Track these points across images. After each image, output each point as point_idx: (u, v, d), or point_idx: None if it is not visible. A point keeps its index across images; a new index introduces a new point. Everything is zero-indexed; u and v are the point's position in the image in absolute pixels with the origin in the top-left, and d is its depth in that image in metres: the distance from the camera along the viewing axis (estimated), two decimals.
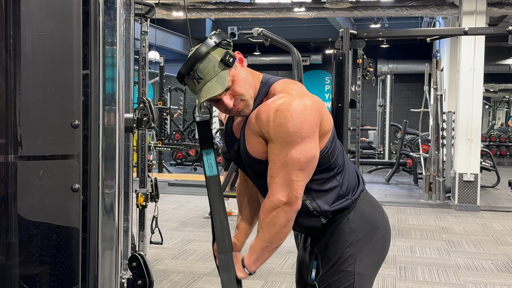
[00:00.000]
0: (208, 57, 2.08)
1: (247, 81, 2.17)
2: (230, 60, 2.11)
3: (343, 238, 2.27)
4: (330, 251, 2.28)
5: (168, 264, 5.77)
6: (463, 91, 9.34)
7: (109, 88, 1.70)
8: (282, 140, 2.06)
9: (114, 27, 1.70)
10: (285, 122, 2.04)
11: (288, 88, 2.17)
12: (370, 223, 2.31)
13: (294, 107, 2.06)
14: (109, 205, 1.71)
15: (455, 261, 6.08)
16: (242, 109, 2.17)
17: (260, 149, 2.15)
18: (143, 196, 5.08)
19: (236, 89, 2.13)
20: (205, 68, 2.08)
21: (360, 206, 2.31)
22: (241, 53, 2.23)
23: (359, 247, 2.26)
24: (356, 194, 2.32)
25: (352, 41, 7.06)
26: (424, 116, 10.99)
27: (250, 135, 2.17)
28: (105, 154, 1.69)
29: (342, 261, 2.25)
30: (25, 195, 1.49)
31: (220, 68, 2.09)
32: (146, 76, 5.11)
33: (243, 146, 2.20)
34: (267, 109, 2.10)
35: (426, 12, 11.47)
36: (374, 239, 2.30)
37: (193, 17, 12.57)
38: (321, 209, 2.25)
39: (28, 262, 1.51)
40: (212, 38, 2.12)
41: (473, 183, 9.28)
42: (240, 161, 2.30)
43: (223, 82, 2.09)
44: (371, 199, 2.39)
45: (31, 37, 1.48)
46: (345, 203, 2.28)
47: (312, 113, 2.08)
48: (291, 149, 2.06)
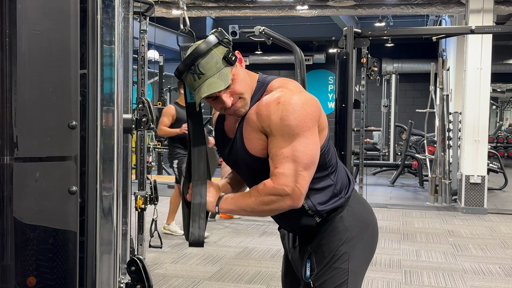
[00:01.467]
0: (210, 53, 2.10)
1: (246, 81, 2.21)
2: (233, 58, 2.13)
3: (337, 236, 2.34)
4: (324, 249, 2.34)
5: (167, 269, 5.77)
6: (469, 91, 9.33)
7: (107, 88, 1.69)
8: (284, 133, 2.10)
9: (112, 25, 1.70)
10: (287, 115, 2.09)
11: (286, 85, 2.22)
12: (362, 221, 2.40)
13: (295, 100, 2.11)
14: (107, 208, 1.71)
15: (461, 265, 6.07)
16: (239, 108, 2.20)
17: (260, 146, 2.18)
18: (142, 199, 5.08)
19: (236, 88, 2.16)
20: (207, 63, 2.10)
21: (352, 205, 2.39)
22: (242, 52, 2.25)
23: (352, 244, 2.34)
24: (349, 193, 2.40)
25: (356, 40, 7.06)
26: (430, 116, 10.99)
27: (249, 132, 2.20)
28: (103, 156, 1.69)
29: (336, 259, 2.32)
30: (21, 197, 1.49)
31: (222, 65, 2.11)
32: (145, 75, 5.12)
33: (241, 144, 2.23)
34: (267, 103, 2.14)
35: (432, 10, 11.47)
36: (366, 237, 2.39)
37: (193, 15, 12.57)
38: (316, 208, 2.31)
39: (24, 266, 1.51)
40: (214, 36, 2.14)
41: (480, 186, 9.28)
42: (232, 160, 2.34)
43: (226, 79, 2.11)
44: (360, 198, 2.49)
45: (27, 36, 1.48)
46: (339, 201, 2.35)
47: (312, 107, 2.14)
48: (294, 142, 2.10)
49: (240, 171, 2.40)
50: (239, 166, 2.34)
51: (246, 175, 2.38)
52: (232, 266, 5.83)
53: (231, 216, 7.74)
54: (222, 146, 2.38)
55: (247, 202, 2.21)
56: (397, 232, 7.62)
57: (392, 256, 6.26)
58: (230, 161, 2.38)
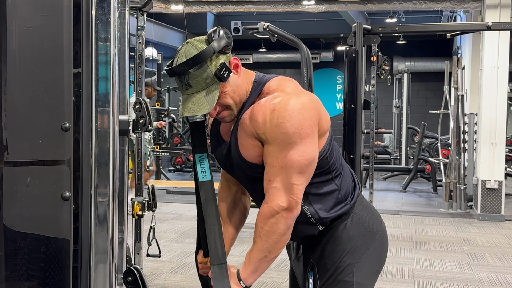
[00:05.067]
0: (202, 67, 2.09)
1: (237, 91, 2.18)
2: (225, 75, 2.11)
3: (340, 246, 2.30)
4: (327, 260, 2.31)
5: (166, 279, 5.77)
6: (486, 91, 9.32)
7: (102, 88, 1.69)
8: (280, 141, 2.08)
9: (108, 21, 1.70)
10: (283, 122, 2.07)
11: (283, 86, 2.19)
12: (368, 230, 2.35)
13: (291, 106, 2.08)
14: (102, 215, 1.71)
15: (477, 276, 6.06)
16: (224, 118, 2.21)
17: (256, 152, 2.17)
18: (139, 205, 5.08)
19: (223, 101, 2.16)
20: (197, 77, 2.09)
21: (357, 212, 2.35)
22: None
23: (357, 255, 2.30)
24: (354, 199, 2.36)
25: (366, 37, 7.05)
26: (444, 118, 10.98)
27: (244, 138, 2.19)
28: (98, 160, 1.69)
29: (340, 271, 2.28)
30: (11, 203, 1.49)
31: (212, 82, 2.11)
32: (142, 74, 5.11)
33: (236, 150, 2.22)
34: (263, 109, 2.12)
35: (446, 6, 11.45)
36: (372, 247, 2.34)
37: (193, 10, 12.58)
38: (319, 215, 2.28)
39: (15, 277, 1.51)
40: (213, 41, 2.11)
41: (497, 191, 9.26)
42: (229, 166, 2.33)
43: (211, 100, 2.11)
44: (367, 204, 2.44)
45: (17, 33, 1.48)
46: (343, 208, 2.32)
47: (310, 112, 2.11)
48: (290, 151, 2.08)
49: (238, 178, 2.39)
50: (237, 173, 2.33)
51: (244, 182, 2.37)
52: None
53: None
54: (218, 151, 2.36)
55: (257, 249, 2.18)
56: (409, 240, 7.60)
57: (404, 266, 6.24)
58: (227, 168, 2.38)
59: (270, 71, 19.71)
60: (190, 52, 2.09)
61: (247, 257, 2.23)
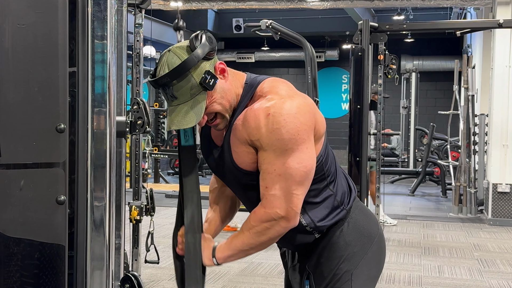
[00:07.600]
0: (187, 78, 2.06)
1: (225, 96, 2.16)
2: (211, 83, 2.08)
3: (337, 253, 2.29)
4: (323, 268, 2.30)
5: (165, 286, 5.77)
6: (497, 91, 9.32)
7: (98, 88, 1.69)
8: (276, 148, 2.06)
9: (104, 19, 1.70)
10: (278, 128, 2.05)
11: (277, 88, 2.16)
12: (365, 235, 2.34)
13: (286, 110, 2.06)
14: (98, 220, 1.71)
15: (488, 283, 6.05)
16: (217, 125, 2.20)
17: (250, 159, 2.15)
18: (137, 210, 5.08)
19: (210, 109, 2.14)
20: (181, 88, 2.07)
21: (353, 216, 2.34)
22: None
23: (355, 261, 2.29)
24: (350, 203, 2.35)
25: (372, 34, 7.05)
26: (453, 119, 10.97)
27: (237, 144, 2.17)
28: (95, 162, 1.69)
29: (337, 279, 2.27)
30: (4, 208, 1.49)
31: (197, 91, 2.08)
32: (140, 74, 5.11)
33: (229, 156, 2.20)
34: (256, 114, 2.09)
35: (456, 2, 11.45)
36: (370, 252, 2.34)
37: (193, 7, 12.59)
38: (316, 224, 2.26)
39: (8, 284, 1.51)
40: (196, 49, 2.07)
41: (509, 195, 9.25)
42: (221, 172, 2.31)
43: (199, 110, 2.09)
44: (363, 207, 2.43)
45: (10, 30, 1.48)
46: (340, 214, 2.30)
47: (306, 115, 2.09)
48: (288, 158, 2.07)
49: (230, 185, 2.38)
50: (229, 180, 2.32)
51: (237, 189, 2.36)
52: (237, 284, 5.82)
53: (235, 229, 7.72)
54: (209, 155, 2.34)
55: (242, 240, 2.19)
56: (418, 246, 7.60)
57: (412, 273, 6.23)
58: (219, 174, 2.37)
59: (273, 70, 19.73)
60: (173, 61, 2.06)
61: (229, 240, 2.24)
